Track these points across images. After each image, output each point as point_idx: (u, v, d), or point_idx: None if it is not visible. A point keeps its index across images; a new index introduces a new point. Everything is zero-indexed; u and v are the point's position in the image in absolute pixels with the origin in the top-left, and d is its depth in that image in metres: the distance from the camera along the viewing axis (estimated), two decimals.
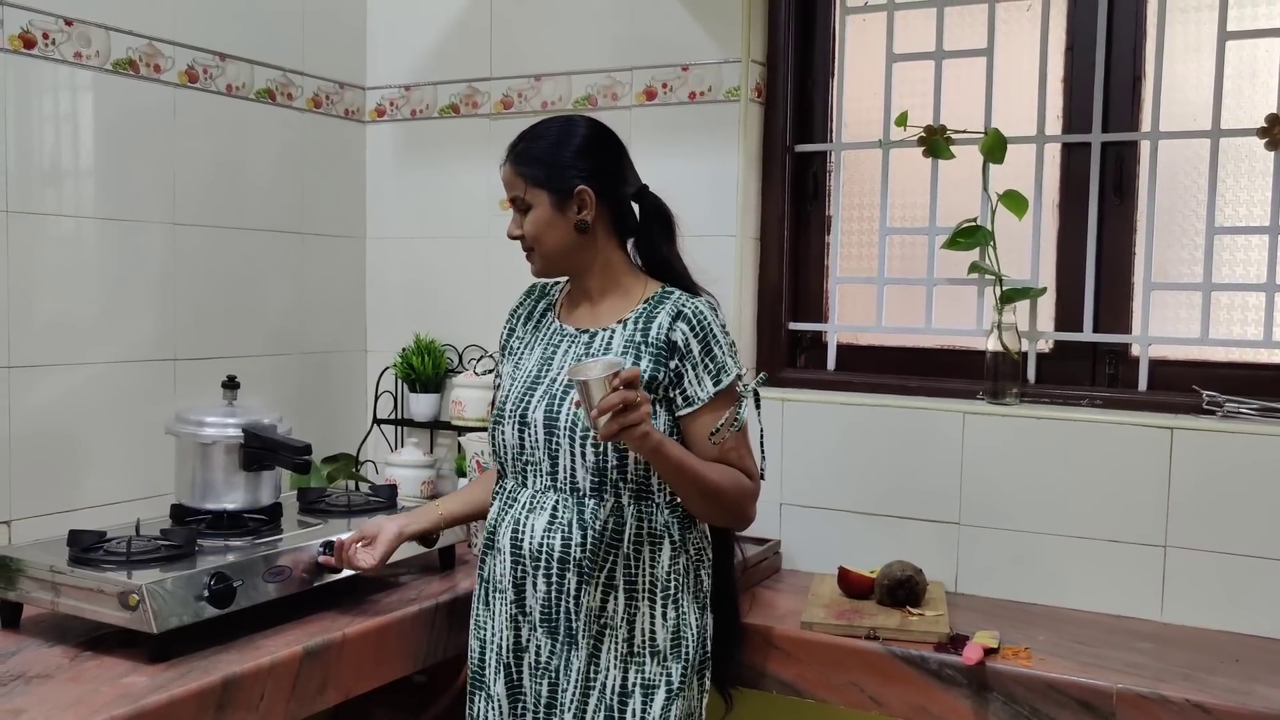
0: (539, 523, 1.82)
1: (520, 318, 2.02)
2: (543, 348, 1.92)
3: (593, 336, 1.88)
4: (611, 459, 1.77)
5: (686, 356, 1.80)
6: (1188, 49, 2.30)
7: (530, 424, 1.84)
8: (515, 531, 1.84)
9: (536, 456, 1.84)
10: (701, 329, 1.81)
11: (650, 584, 1.80)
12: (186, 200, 2.51)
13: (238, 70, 2.62)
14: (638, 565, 1.80)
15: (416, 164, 2.98)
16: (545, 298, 2.02)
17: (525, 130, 1.91)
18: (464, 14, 2.88)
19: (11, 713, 1.56)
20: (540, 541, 1.81)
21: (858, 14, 2.60)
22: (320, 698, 1.91)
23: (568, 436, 1.79)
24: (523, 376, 1.90)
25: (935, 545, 2.36)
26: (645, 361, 1.80)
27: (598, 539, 1.77)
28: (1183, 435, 2.15)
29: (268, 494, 2.19)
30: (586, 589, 1.77)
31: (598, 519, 1.78)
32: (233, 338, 2.64)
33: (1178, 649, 2.01)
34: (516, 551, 1.84)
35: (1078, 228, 2.39)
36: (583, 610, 1.78)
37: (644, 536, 1.80)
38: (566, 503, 1.80)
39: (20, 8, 2.15)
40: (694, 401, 1.80)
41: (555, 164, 1.85)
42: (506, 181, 1.89)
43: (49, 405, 2.24)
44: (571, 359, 1.86)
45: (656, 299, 1.86)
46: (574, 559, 1.78)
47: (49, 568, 1.86)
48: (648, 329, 1.82)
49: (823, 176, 2.66)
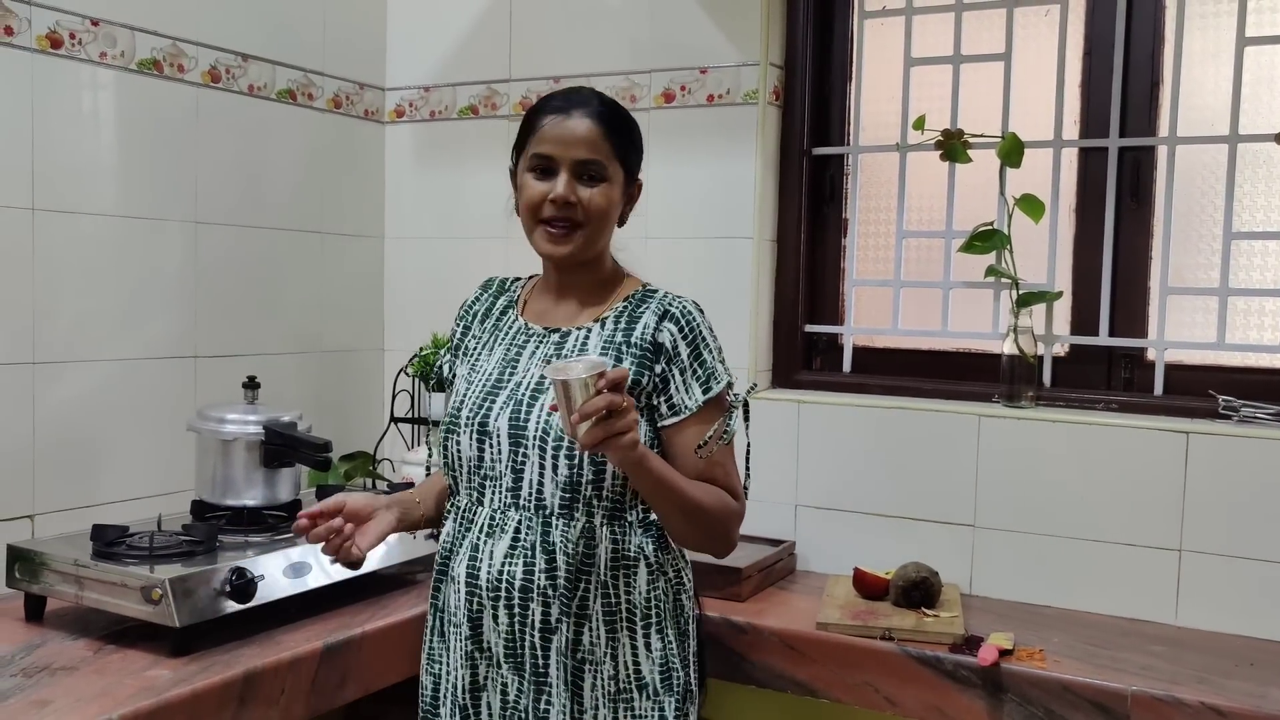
0: (498, 548, 1.61)
1: (476, 315, 1.81)
2: (504, 348, 1.71)
3: (564, 336, 1.68)
4: (587, 473, 1.58)
5: (674, 360, 1.62)
6: (1206, 54, 2.30)
7: (491, 434, 1.62)
8: (472, 558, 1.62)
9: (497, 470, 1.62)
10: (691, 331, 1.64)
11: (629, 612, 1.62)
12: (208, 199, 2.54)
13: (259, 71, 2.64)
14: (615, 592, 1.61)
15: (435, 165, 3.00)
16: (505, 293, 1.81)
17: (591, 90, 1.69)
18: (483, 16, 2.90)
19: (38, 703, 1.58)
20: (500, 570, 1.60)
21: (876, 18, 2.61)
22: (340, 693, 1.93)
23: (537, 447, 1.59)
24: (481, 380, 1.69)
25: (950, 547, 2.36)
26: (627, 364, 1.61)
27: (570, 564, 1.58)
28: (1198, 440, 2.15)
29: (287, 491, 2.21)
30: (563, 620, 1.57)
31: (568, 541, 1.58)
32: (253, 336, 2.66)
33: (1192, 652, 2.01)
34: (472, 582, 1.62)
35: (1094, 232, 2.40)
36: (553, 645, 1.58)
37: (619, 560, 1.61)
38: (531, 523, 1.59)
39: (48, 8, 2.17)
40: (680, 410, 1.62)
41: (636, 144, 1.70)
42: (584, 139, 1.62)
43: (72, 401, 2.26)
44: (540, 360, 1.66)
45: (639, 297, 1.69)
46: (538, 587, 1.58)
47: (73, 561, 1.89)
48: (630, 329, 1.64)
49: (840, 179, 2.67)
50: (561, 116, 1.62)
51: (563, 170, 1.62)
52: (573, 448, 1.55)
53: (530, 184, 1.64)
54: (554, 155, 1.62)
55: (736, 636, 2.12)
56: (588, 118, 1.62)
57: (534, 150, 1.64)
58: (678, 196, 2.61)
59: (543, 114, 1.65)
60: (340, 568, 1.95)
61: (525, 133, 1.68)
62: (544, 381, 1.60)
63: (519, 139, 1.69)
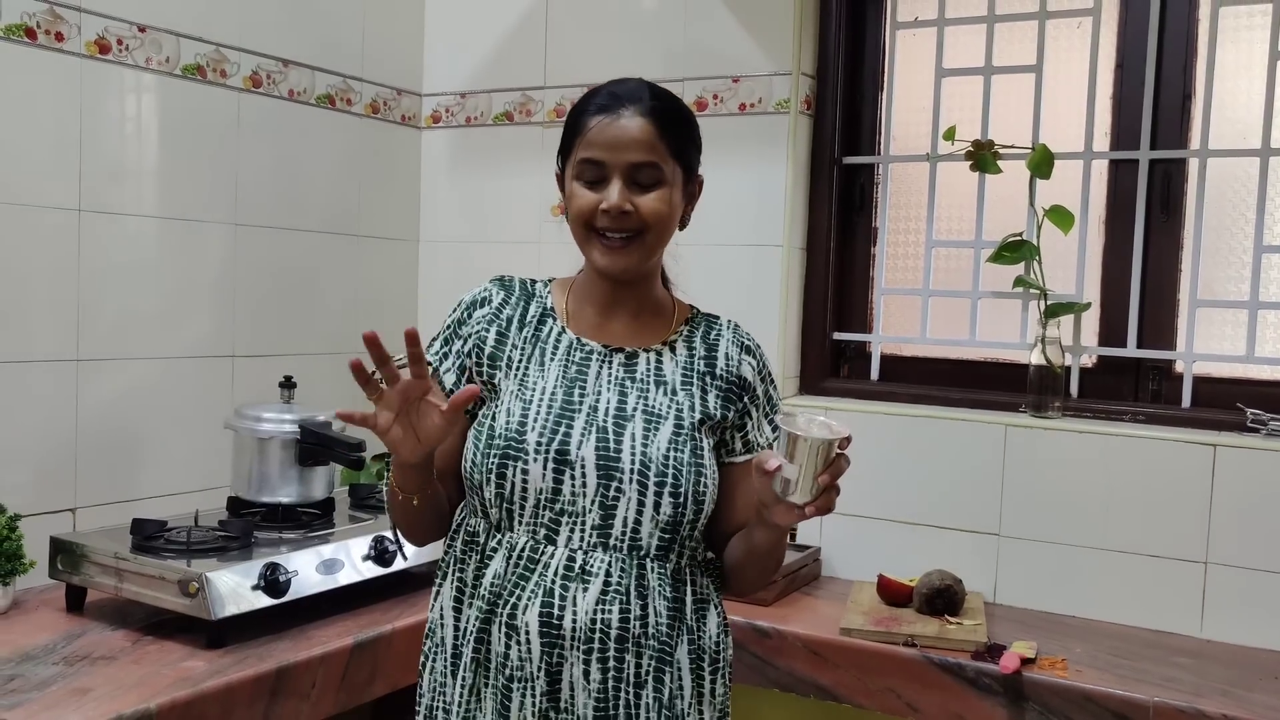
0: (588, 593, 1.40)
1: (510, 320, 1.54)
2: (560, 365, 1.49)
3: (631, 358, 1.50)
4: (688, 512, 1.43)
5: (755, 398, 1.53)
6: (1238, 67, 2.30)
7: (574, 464, 1.42)
8: (548, 605, 1.40)
9: (579, 506, 1.42)
10: (764, 366, 1.56)
11: (700, 657, 1.48)
12: (248, 201, 2.59)
13: (299, 76, 2.69)
14: (698, 637, 1.48)
15: (470, 170, 3.04)
16: (533, 299, 1.57)
17: (640, 81, 1.49)
18: (519, 24, 2.94)
19: (78, 691, 1.63)
20: (592, 618, 1.40)
21: (908, 29, 2.63)
22: (369, 688, 1.97)
23: (635, 483, 1.41)
24: (542, 400, 1.46)
25: (975, 556, 2.37)
26: (714, 398, 1.49)
27: (670, 609, 1.44)
28: (1225, 453, 2.15)
29: (321, 489, 2.25)
30: (659, 671, 1.42)
31: (664, 585, 1.43)
32: (289, 336, 2.71)
33: (1217, 665, 2.01)
34: (552, 632, 1.40)
35: (1124, 244, 2.40)
36: (643, 700, 1.42)
37: (698, 604, 1.48)
38: (625, 566, 1.41)
39: (97, 15, 2.23)
40: (755, 448, 1.51)
41: (696, 140, 1.52)
42: (637, 141, 1.43)
43: (114, 398, 2.31)
44: (613, 384, 1.48)
45: (698, 321, 1.56)
46: (633, 635, 1.41)
47: (113, 554, 1.94)
48: (712, 359, 1.51)
49: (870, 189, 2.69)
50: (610, 117, 1.43)
51: (615, 177, 1.43)
52: (678, 484, 1.42)
53: (579, 193, 1.45)
54: (604, 160, 1.43)
55: (761, 641, 2.14)
56: (639, 115, 1.43)
57: (581, 155, 1.45)
58: (708, 204, 2.58)
59: (588, 114, 1.46)
60: (372, 564, 1.96)
61: (570, 134, 1.48)
62: (624, 407, 1.45)
63: (564, 141, 1.50)
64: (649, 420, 1.45)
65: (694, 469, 1.43)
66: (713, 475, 1.46)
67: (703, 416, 1.47)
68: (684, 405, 1.47)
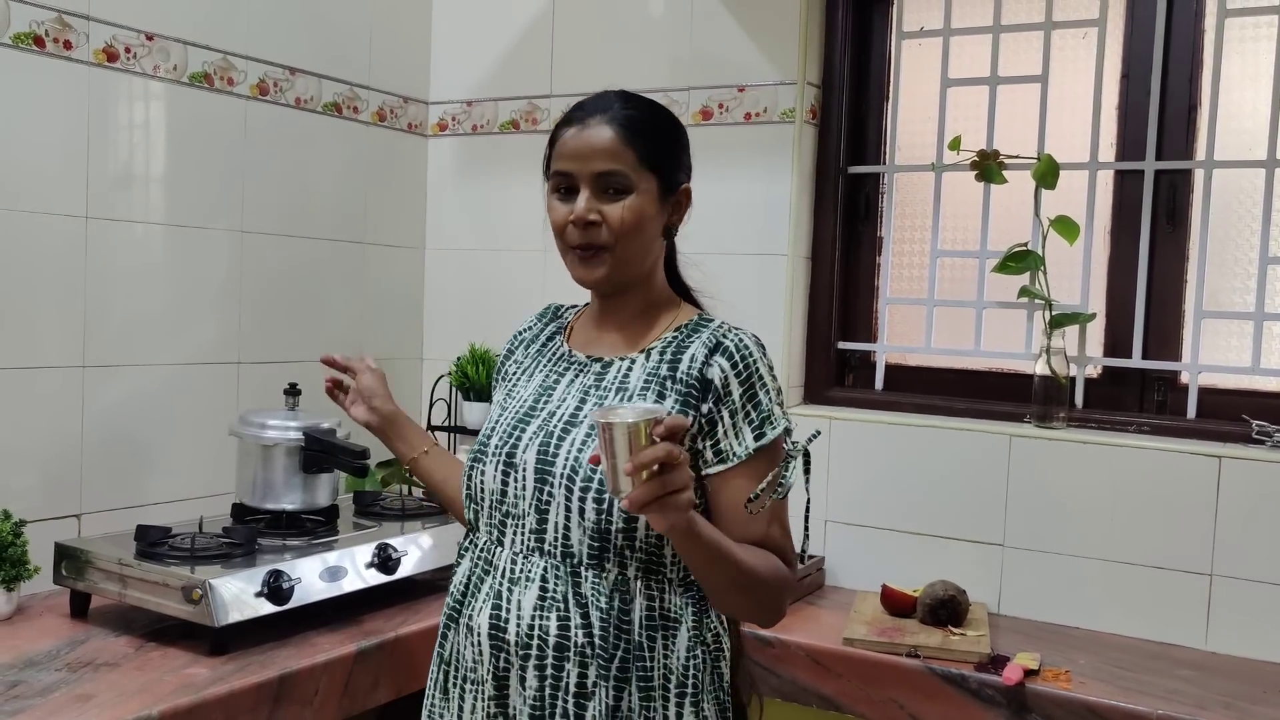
0: (526, 599, 1.42)
1: (524, 341, 1.65)
2: (543, 375, 1.55)
3: (606, 366, 1.50)
4: (616, 521, 1.38)
5: (724, 400, 1.42)
6: (1245, 78, 2.30)
7: (517, 466, 1.45)
8: (496, 608, 1.43)
9: (520, 509, 1.44)
10: (745, 367, 1.43)
11: (664, 679, 1.41)
12: (254, 209, 2.60)
13: (306, 84, 2.70)
14: (651, 656, 1.41)
15: (476, 178, 3.05)
16: (557, 320, 1.65)
17: (615, 92, 1.50)
18: (526, 32, 2.95)
19: (81, 697, 1.63)
20: (530, 624, 1.41)
21: (913, 38, 2.63)
22: (372, 695, 1.97)
23: (563, 487, 1.40)
24: (515, 408, 1.52)
25: (979, 566, 2.37)
26: (669, 402, 1.42)
27: (605, 620, 1.39)
28: (1231, 464, 2.15)
29: (325, 496, 2.25)
30: (600, 684, 1.39)
31: (599, 594, 1.40)
32: (295, 343, 2.72)
33: (1221, 678, 2.01)
34: (498, 636, 1.42)
35: (1129, 254, 2.40)
36: (588, 712, 1.39)
37: (655, 620, 1.42)
38: (559, 572, 1.41)
39: (105, 23, 2.24)
40: (728, 458, 1.41)
41: (671, 149, 1.50)
42: (602, 149, 1.43)
43: (119, 404, 2.32)
44: (577, 391, 1.49)
45: (690, 327, 1.50)
46: (575, 645, 1.39)
47: (117, 560, 1.95)
48: (675, 361, 1.45)
49: (875, 198, 2.69)
50: (578, 128, 1.45)
51: (583, 186, 1.44)
52: (602, 490, 1.37)
53: (554, 206, 1.48)
54: (572, 171, 1.45)
55: (763, 650, 2.14)
56: (605, 124, 1.44)
57: (555, 168, 1.48)
58: (713, 213, 2.62)
59: (562, 127, 1.49)
60: (375, 571, 1.98)
61: (548, 149, 1.52)
62: (578, 414, 1.46)
63: (546, 157, 1.53)
64: (593, 426, 1.41)
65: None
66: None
67: None
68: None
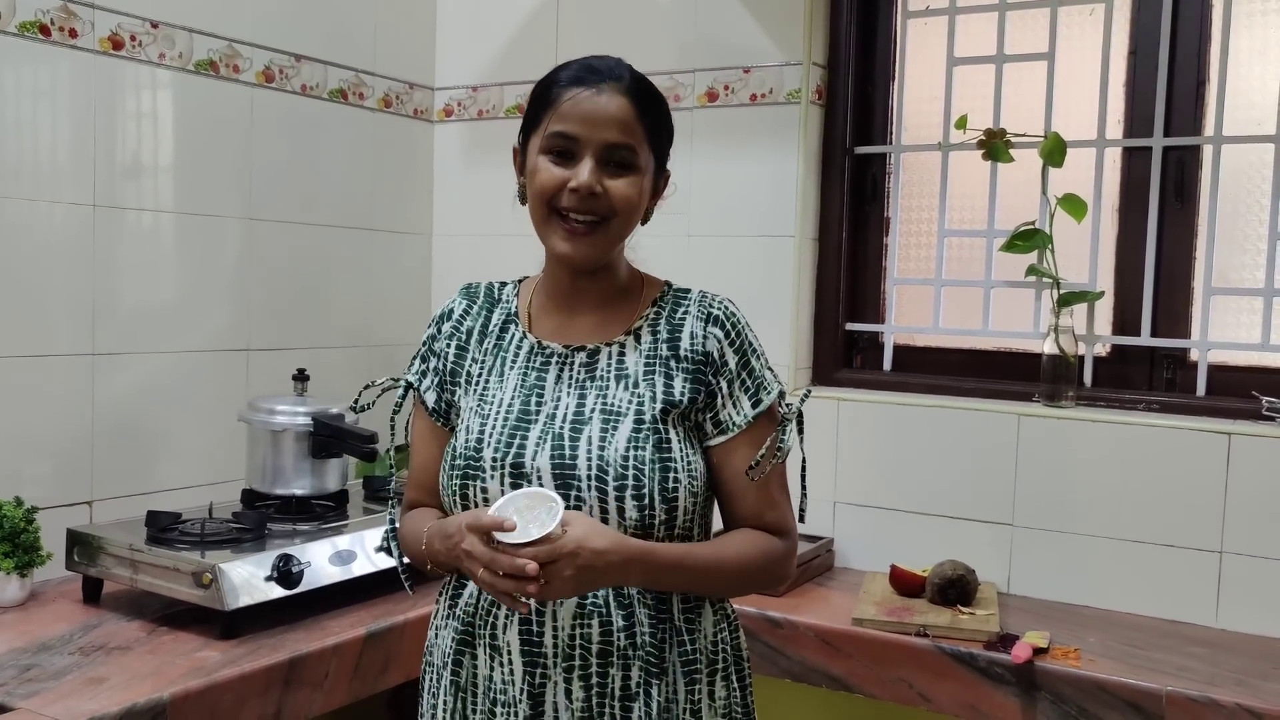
0: (564, 609, 1.35)
1: (471, 333, 1.50)
2: (519, 374, 1.44)
3: (593, 355, 1.43)
4: (659, 512, 1.34)
5: (721, 371, 1.40)
6: (1253, 53, 2.29)
7: (530, 476, 1.36)
8: (526, 623, 1.36)
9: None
10: (737, 335, 1.42)
11: (699, 658, 1.41)
12: (261, 196, 2.60)
13: (312, 71, 2.70)
14: (690, 639, 1.40)
15: (482, 163, 3.05)
16: (498, 305, 1.52)
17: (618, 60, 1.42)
18: (531, 17, 2.95)
19: (94, 681, 1.65)
20: (571, 633, 1.35)
21: (919, 17, 2.62)
22: (382, 678, 1.98)
23: (594, 489, 1.34)
24: (498, 413, 1.41)
25: (988, 546, 2.37)
26: (680, 383, 1.39)
27: (653, 617, 1.36)
28: (1240, 441, 2.14)
29: (334, 481, 2.26)
30: (646, 683, 1.35)
31: (646, 592, 1.36)
32: (303, 330, 2.72)
33: (1231, 654, 2.00)
34: (533, 650, 1.35)
35: (1137, 232, 2.39)
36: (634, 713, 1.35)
37: (690, 601, 1.41)
38: None
39: (110, 11, 2.24)
40: (729, 428, 1.40)
41: (670, 130, 1.45)
42: (616, 119, 1.36)
43: (129, 391, 2.33)
44: (572, 386, 1.41)
45: (669, 300, 1.46)
46: (618, 648, 1.35)
47: (128, 546, 1.96)
48: (675, 340, 1.42)
49: (882, 178, 2.68)
50: (588, 90, 1.36)
51: (587, 154, 1.36)
52: (640, 485, 1.34)
53: (545, 168, 1.38)
54: (578, 135, 1.36)
55: (773, 631, 2.14)
56: (620, 93, 1.37)
57: (553, 128, 1.37)
58: (720, 195, 2.63)
59: (563, 85, 1.39)
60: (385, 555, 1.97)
61: (539, 106, 1.41)
62: (582, 410, 1.39)
63: (530, 113, 1.43)
64: (606, 420, 1.37)
65: (657, 466, 1.35)
66: (687, 468, 1.37)
67: (665, 406, 1.38)
68: (645, 397, 1.38)
